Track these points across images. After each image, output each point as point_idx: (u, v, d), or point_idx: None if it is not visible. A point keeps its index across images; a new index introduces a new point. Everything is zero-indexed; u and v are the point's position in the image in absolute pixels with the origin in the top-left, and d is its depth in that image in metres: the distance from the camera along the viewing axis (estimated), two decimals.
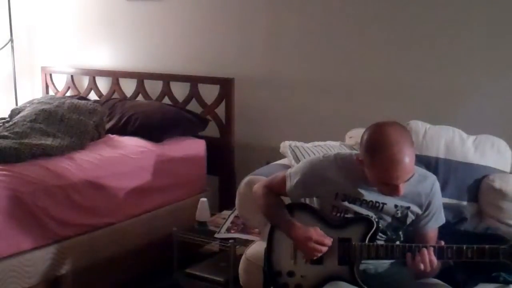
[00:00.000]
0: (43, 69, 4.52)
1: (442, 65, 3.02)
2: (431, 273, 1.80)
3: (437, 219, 1.94)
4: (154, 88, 3.98)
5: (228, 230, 2.91)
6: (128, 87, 4.10)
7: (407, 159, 1.72)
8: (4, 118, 3.61)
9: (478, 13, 2.90)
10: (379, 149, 1.73)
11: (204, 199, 3.10)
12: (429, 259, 1.74)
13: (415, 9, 3.06)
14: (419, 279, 1.82)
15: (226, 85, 3.60)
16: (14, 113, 3.59)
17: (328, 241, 1.85)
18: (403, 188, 1.76)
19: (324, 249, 1.85)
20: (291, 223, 1.91)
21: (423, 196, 1.91)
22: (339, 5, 3.30)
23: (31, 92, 4.61)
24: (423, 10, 3.04)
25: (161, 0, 3.95)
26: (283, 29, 3.52)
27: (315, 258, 1.87)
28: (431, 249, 1.75)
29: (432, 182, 1.94)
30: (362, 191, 1.88)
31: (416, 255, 1.75)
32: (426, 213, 1.92)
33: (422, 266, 1.74)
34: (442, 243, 1.80)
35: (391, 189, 1.77)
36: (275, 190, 2.07)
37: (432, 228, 1.94)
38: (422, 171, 1.96)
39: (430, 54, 3.04)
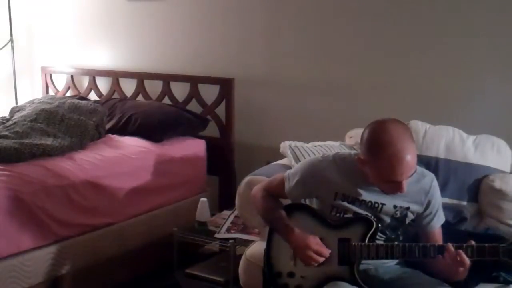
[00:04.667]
0: (43, 69, 4.52)
1: (442, 65, 3.02)
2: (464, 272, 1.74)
3: (439, 217, 1.95)
4: (154, 88, 3.97)
5: (228, 230, 2.90)
6: (128, 87, 4.10)
7: (410, 155, 1.73)
8: (4, 117, 3.61)
9: (478, 13, 2.90)
10: (382, 147, 1.73)
11: (204, 199, 3.10)
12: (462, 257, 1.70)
13: (415, 9, 3.06)
14: (453, 280, 1.79)
15: (226, 85, 3.60)
16: (13, 111, 3.59)
17: (326, 252, 1.85)
18: (406, 184, 1.77)
19: (321, 259, 1.84)
20: (290, 229, 1.91)
21: (423, 193, 1.91)
22: (339, 5, 3.30)
23: (31, 92, 4.61)
24: (423, 10, 3.04)
25: (161, 0, 3.96)
26: (283, 29, 3.52)
27: (310, 266, 1.86)
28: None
29: (430, 179, 1.94)
30: (361, 191, 1.88)
31: (452, 254, 1.70)
32: (428, 211, 1.92)
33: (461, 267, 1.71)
34: None
35: (395, 187, 1.77)
36: (273, 192, 2.06)
37: (437, 227, 1.94)
38: (419, 169, 1.95)
39: (431, 54, 3.04)
